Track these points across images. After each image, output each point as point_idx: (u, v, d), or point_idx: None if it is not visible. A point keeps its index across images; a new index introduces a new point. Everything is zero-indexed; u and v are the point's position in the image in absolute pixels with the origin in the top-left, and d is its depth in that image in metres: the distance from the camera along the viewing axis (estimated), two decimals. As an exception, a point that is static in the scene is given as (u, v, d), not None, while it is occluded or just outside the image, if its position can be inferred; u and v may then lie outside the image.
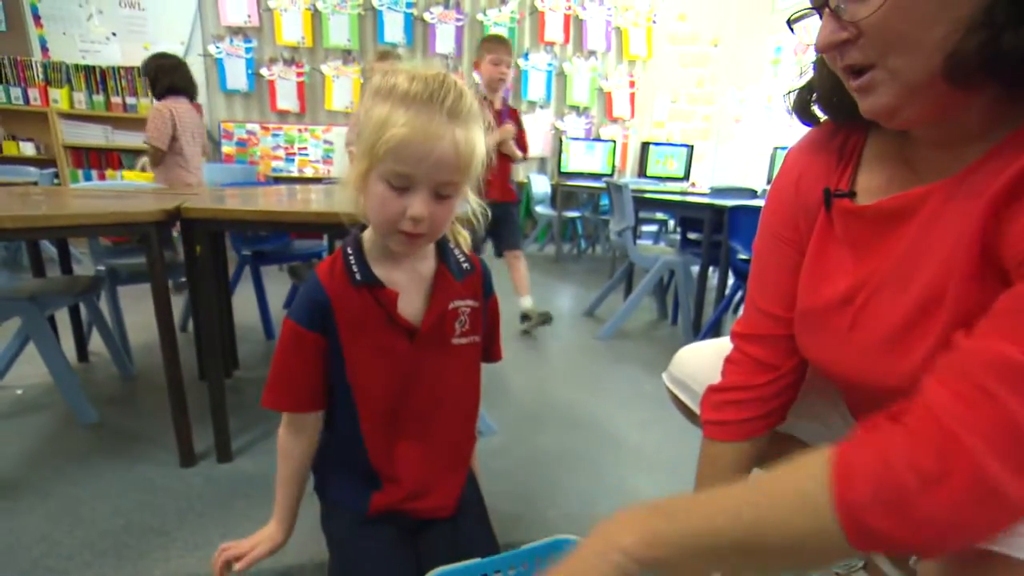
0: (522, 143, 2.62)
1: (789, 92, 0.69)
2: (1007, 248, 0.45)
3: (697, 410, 0.88)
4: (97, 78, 4.18)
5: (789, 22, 0.59)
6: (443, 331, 0.80)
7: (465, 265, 0.82)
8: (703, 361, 0.88)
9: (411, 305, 0.77)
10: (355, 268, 0.75)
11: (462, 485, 0.86)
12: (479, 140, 0.70)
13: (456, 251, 0.82)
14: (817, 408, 0.82)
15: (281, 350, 0.77)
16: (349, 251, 0.76)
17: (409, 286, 0.77)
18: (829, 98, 0.63)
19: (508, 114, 2.56)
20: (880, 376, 0.58)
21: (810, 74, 0.66)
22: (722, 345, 0.87)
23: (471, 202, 0.77)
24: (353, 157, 0.72)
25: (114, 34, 4.24)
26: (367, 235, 0.78)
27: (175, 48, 4.35)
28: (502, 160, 2.53)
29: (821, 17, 0.53)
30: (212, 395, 1.32)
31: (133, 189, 2.06)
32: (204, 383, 1.54)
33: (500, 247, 2.64)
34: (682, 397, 0.91)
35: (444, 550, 0.79)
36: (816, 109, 0.67)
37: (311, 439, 0.82)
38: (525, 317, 2.55)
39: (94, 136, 4.19)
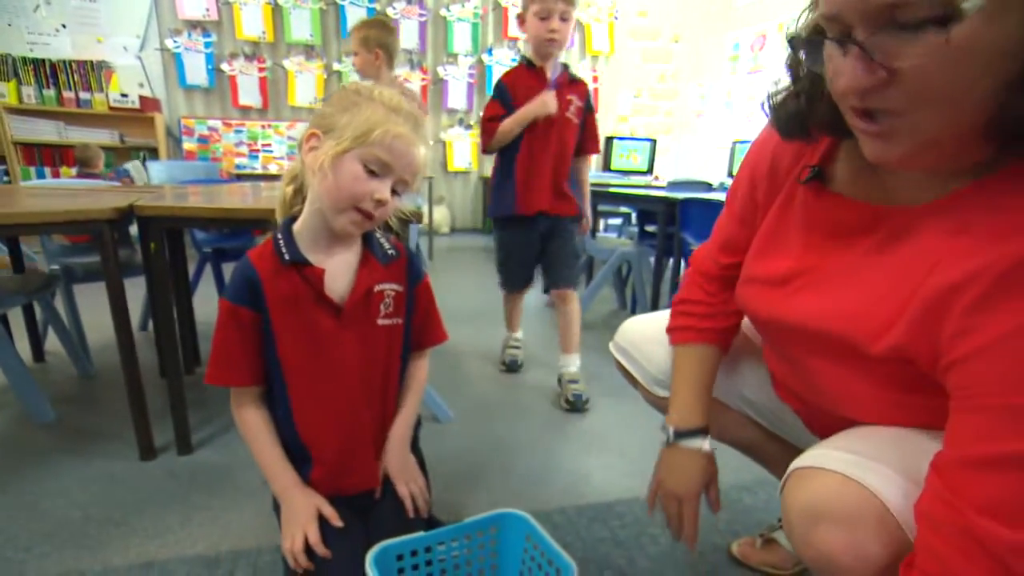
0: (590, 131, 1.84)
1: (772, 96, 0.64)
2: (941, 342, 0.48)
3: (637, 375, 0.96)
4: (47, 72, 4.06)
5: (791, 41, 0.54)
6: (368, 311, 0.86)
7: (390, 252, 0.89)
8: (644, 331, 0.96)
9: (338, 286, 0.84)
10: (284, 249, 0.81)
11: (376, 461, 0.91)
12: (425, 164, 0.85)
13: (381, 239, 0.89)
14: (745, 376, 0.90)
15: (219, 329, 0.82)
16: (279, 236, 0.83)
17: (336, 269, 0.84)
18: (828, 124, 0.58)
19: (570, 87, 1.76)
20: (789, 347, 0.66)
21: (786, 81, 0.62)
22: (662, 317, 0.95)
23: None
24: (313, 139, 0.80)
25: (64, 26, 4.11)
26: (297, 225, 0.84)
27: (131, 42, 4.26)
28: (555, 152, 1.75)
29: (844, 51, 0.46)
30: (171, 391, 1.34)
31: (86, 187, 2.04)
32: (165, 380, 1.55)
33: (549, 280, 1.87)
34: (624, 364, 0.99)
35: (391, 526, 0.84)
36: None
37: (262, 408, 0.87)
38: (572, 382, 1.79)
39: (46, 132, 4.07)
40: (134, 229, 1.36)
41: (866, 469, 0.52)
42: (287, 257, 0.81)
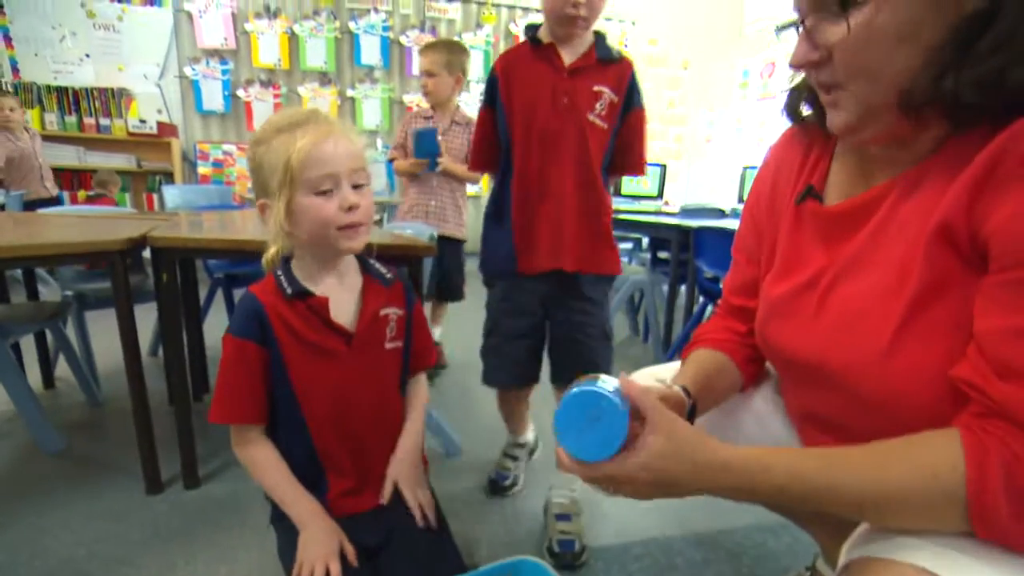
0: (627, 140, 1.20)
1: (784, 92, 0.72)
2: (988, 233, 0.48)
3: None
4: (70, 99, 4.16)
5: (777, 29, 0.64)
6: (377, 336, 0.87)
7: (388, 276, 0.90)
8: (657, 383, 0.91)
9: (344, 313, 0.84)
10: (285, 284, 0.82)
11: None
12: (358, 138, 0.82)
13: (377, 265, 0.90)
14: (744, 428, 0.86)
15: (224, 365, 0.82)
16: (279, 272, 0.83)
17: (339, 297, 0.84)
18: (816, 102, 0.66)
19: (598, 73, 1.15)
20: (843, 356, 0.61)
21: (799, 78, 0.69)
22: (675, 369, 0.91)
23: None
24: (266, 209, 0.80)
25: (87, 55, 4.22)
26: (294, 262, 0.85)
27: (151, 70, 4.36)
28: (573, 177, 1.15)
29: (798, 33, 0.56)
30: (179, 421, 1.32)
31: (100, 215, 2.06)
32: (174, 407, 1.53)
33: (556, 373, 1.26)
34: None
35: (406, 570, 0.81)
36: (804, 110, 0.71)
37: (266, 442, 0.86)
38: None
39: (67, 157, 4.15)
40: (147, 252, 1.36)
41: (946, 560, 0.46)
42: (289, 291, 0.81)
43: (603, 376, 0.65)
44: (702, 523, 1.28)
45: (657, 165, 5.46)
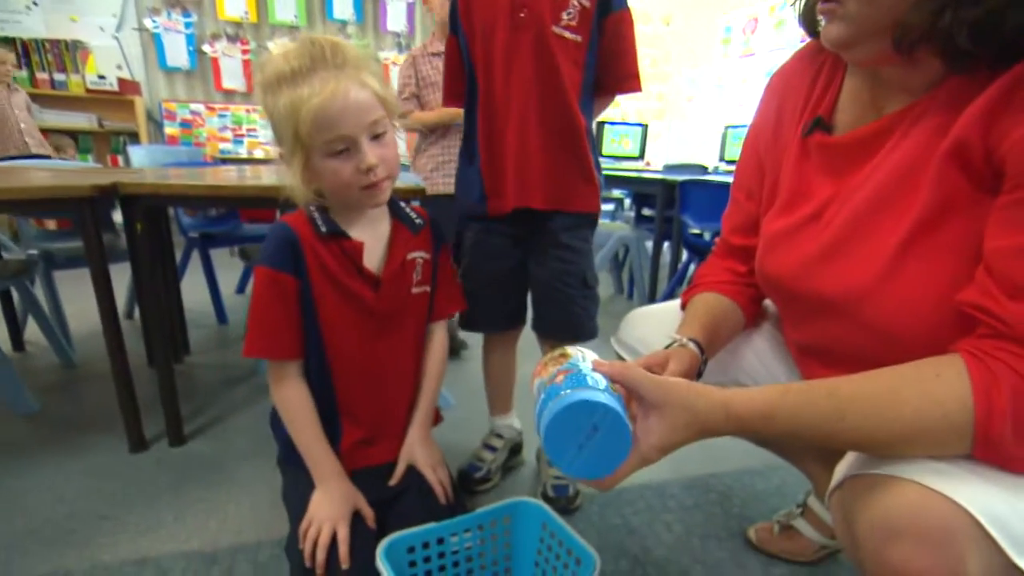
0: (611, 52, 1.04)
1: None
2: (1005, 151, 0.47)
3: None
4: (19, 51, 3.89)
5: None
6: (403, 280, 0.85)
7: (417, 220, 0.87)
8: (651, 325, 0.90)
9: (372, 258, 0.82)
10: (320, 222, 0.79)
11: (406, 429, 0.92)
12: (375, 75, 0.75)
13: (407, 207, 0.88)
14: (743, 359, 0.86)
15: (257, 298, 0.79)
16: (313, 208, 0.80)
17: (369, 240, 0.82)
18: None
19: None
20: (844, 281, 0.60)
21: None
22: (669, 308, 0.90)
23: None
24: (284, 160, 0.76)
25: (35, 3, 3.94)
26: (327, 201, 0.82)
27: (107, 21, 4.09)
28: (538, 99, 1.00)
29: None
30: (161, 377, 1.28)
31: (65, 168, 1.95)
32: (153, 369, 1.49)
33: (538, 320, 1.16)
34: (629, 361, 0.93)
35: (419, 518, 0.80)
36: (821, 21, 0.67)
37: (302, 383, 0.83)
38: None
39: (20, 115, 3.91)
40: (118, 217, 1.28)
41: (949, 478, 0.45)
42: (324, 230, 0.78)
43: (573, 353, 0.61)
44: (694, 468, 1.30)
45: (638, 125, 5.40)
